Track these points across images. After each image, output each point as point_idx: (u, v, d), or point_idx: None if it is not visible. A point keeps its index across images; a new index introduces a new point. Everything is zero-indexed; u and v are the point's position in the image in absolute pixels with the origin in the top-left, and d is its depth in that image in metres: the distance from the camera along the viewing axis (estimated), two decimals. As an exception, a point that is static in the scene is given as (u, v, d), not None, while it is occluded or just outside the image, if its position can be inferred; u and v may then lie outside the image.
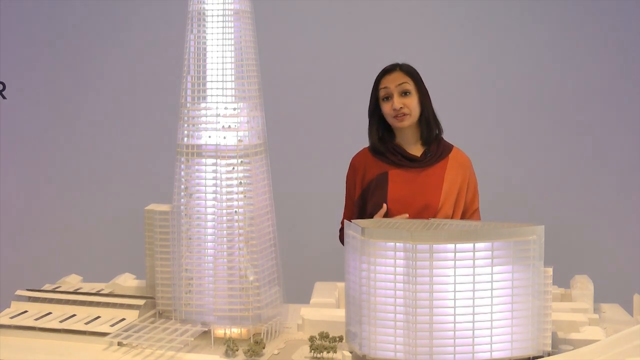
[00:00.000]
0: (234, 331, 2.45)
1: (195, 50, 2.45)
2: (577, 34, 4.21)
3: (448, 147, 2.91)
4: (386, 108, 2.85)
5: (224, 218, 2.42)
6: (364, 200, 2.91)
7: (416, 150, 2.89)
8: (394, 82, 2.83)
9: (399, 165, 2.87)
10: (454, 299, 2.06)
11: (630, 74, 4.17)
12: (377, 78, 2.89)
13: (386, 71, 2.87)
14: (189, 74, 2.46)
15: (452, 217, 2.83)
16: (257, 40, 2.51)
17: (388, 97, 2.84)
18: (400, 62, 2.88)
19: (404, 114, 2.82)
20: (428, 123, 2.86)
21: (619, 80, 4.19)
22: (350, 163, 2.99)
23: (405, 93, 2.82)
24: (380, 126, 2.92)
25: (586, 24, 4.20)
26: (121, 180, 4.48)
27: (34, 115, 4.54)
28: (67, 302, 2.65)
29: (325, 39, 4.33)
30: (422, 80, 2.87)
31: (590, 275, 2.79)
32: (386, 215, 2.82)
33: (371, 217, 2.85)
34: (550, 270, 2.15)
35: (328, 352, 2.26)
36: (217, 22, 2.43)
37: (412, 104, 2.82)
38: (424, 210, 2.78)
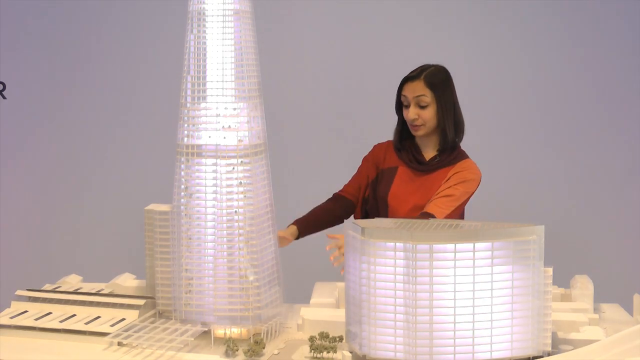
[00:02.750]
0: (234, 331, 2.45)
1: (195, 50, 2.44)
2: (578, 34, 4.21)
3: (460, 157, 2.91)
4: (404, 114, 2.90)
5: (224, 218, 2.42)
6: (375, 187, 2.97)
7: (431, 154, 2.94)
8: (412, 92, 2.85)
9: (408, 165, 2.92)
10: (454, 299, 2.06)
11: (631, 74, 4.17)
12: (401, 82, 2.91)
13: (408, 78, 2.88)
14: (189, 74, 2.46)
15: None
16: (257, 40, 2.51)
17: (407, 105, 2.88)
18: (430, 63, 2.90)
19: (418, 125, 2.86)
20: (446, 134, 2.87)
21: (619, 80, 4.19)
22: (373, 147, 3.06)
23: (421, 105, 2.83)
24: (405, 125, 2.95)
25: (587, 25, 4.20)
26: (121, 180, 4.48)
27: (34, 115, 4.54)
28: (67, 302, 2.65)
29: (326, 38, 4.33)
30: (444, 90, 2.86)
31: (590, 275, 2.79)
32: (384, 209, 2.88)
33: (375, 202, 2.91)
34: (550, 270, 2.15)
35: (328, 352, 2.26)
36: (217, 22, 2.42)
37: (428, 115, 2.84)
38: (415, 209, 2.82)
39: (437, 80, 2.86)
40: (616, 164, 4.23)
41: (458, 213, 2.89)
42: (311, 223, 2.95)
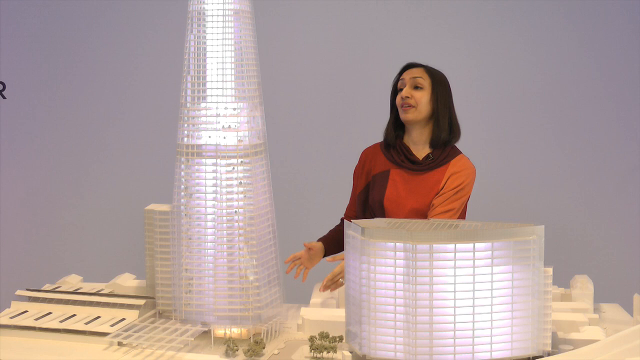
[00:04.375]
0: (234, 331, 2.45)
1: (195, 50, 2.44)
2: (578, 34, 4.21)
3: (453, 153, 2.89)
4: (397, 98, 2.89)
5: (224, 218, 2.42)
6: (367, 194, 2.93)
7: (423, 152, 2.89)
8: (410, 74, 2.87)
9: (400, 166, 2.88)
10: (454, 299, 2.06)
11: (631, 74, 4.17)
12: (401, 69, 2.93)
13: (409, 65, 2.91)
14: (189, 74, 2.46)
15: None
16: (257, 40, 2.51)
17: (402, 89, 2.87)
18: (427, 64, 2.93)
19: (409, 105, 2.83)
20: (439, 125, 2.85)
21: (619, 80, 4.19)
22: (361, 155, 3.03)
23: (417, 87, 2.84)
24: (398, 121, 2.94)
25: (586, 24, 4.20)
26: (121, 180, 4.48)
27: (34, 115, 4.54)
28: (67, 302, 2.65)
29: (326, 38, 4.33)
30: (443, 84, 2.87)
31: (590, 275, 2.79)
32: (382, 214, 2.85)
33: (372, 211, 2.88)
34: (550, 270, 2.15)
35: (328, 352, 2.26)
36: (217, 22, 2.43)
37: (421, 98, 2.83)
38: (412, 213, 2.80)
39: (437, 74, 2.89)
40: (616, 163, 4.23)
41: (462, 216, 2.89)
42: (335, 240, 2.92)
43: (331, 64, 4.32)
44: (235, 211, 2.43)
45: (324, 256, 2.92)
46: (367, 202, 2.94)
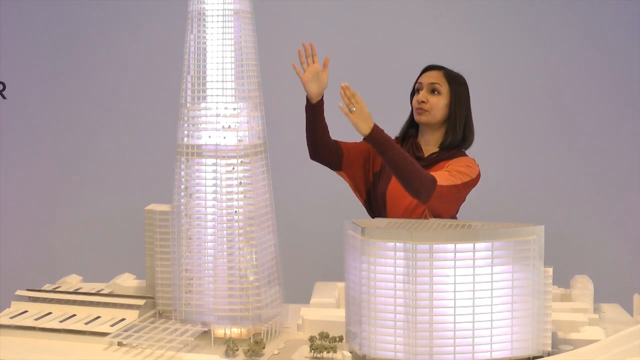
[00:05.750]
0: (234, 331, 2.45)
1: (195, 50, 2.45)
2: (579, 34, 4.21)
3: (459, 154, 2.90)
4: (414, 100, 2.94)
5: (224, 218, 2.43)
6: (376, 183, 2.97)
7: (432, 151, 2.92)
8: (428, 78, 2.90)
9: None
10: (454, 299, 2.06)
11: (631, 74, 4.17)
12: (421, 71, 2.96)
13: (429, 68, 2.95)
14: (189, 74, 2.46)
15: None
16: (257, 40, 2.51)
17: (419, 91, 2.91)
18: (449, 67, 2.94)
19: (423, 110, 2.87)
20: (454, 129, 2.87)
21: (619, 80, 4.19)
22: None
23: (433, 91, 2.86)
24: (413, 120, 2.98)
25: (586, 25, 4.20)
26: (121, 180, 4.48)
27: (34, 115, 4.54)
28: (67, 302, 2.65)
29: (326, 38, 4.32)
30: (460, 90, 2.89)
31: (590, 275, 2.79)
32: (383, 207, 2.89)
33: (383, 199, 2.90)
34: (550, 270, 2.15)
35: (328, 352, 2.26)
36: (217, 22, 2.43)
37: (437, 103, 2.86)
38: (410, 206, 2.82)
39: (456, 78, 2.92)
40: (616, 164, 4.23)
41: (455, 204, 2.85)
42: (322, 114, 2.99)
43: (331, 64, 4.31)
44: (235, 211, 2.43)
45: (317, 101, 2.96)
46: (375, 191, 2.94)
